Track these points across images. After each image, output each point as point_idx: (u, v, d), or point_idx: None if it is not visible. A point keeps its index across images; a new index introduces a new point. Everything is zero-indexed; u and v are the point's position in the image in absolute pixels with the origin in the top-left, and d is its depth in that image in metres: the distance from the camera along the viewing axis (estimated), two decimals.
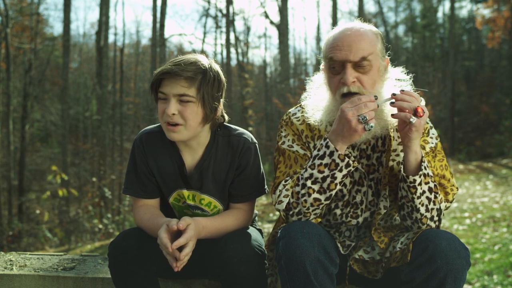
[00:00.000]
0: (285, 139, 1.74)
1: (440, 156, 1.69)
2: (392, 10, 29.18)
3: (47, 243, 10.50)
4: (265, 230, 7.60)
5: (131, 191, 1.80)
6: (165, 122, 1.66)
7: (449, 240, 1.42)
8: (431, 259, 1.40)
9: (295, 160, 1.68)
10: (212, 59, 1.73)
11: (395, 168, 1.64)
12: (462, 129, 21.44)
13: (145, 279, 1.65)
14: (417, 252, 1.44)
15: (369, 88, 1.56)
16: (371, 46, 1.55)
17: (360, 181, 1.69)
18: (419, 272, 1.42)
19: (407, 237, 1.57)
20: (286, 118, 1.78)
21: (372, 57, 1.55)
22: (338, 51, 1.55)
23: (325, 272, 1.44)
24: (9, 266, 2.12)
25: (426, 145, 1.66)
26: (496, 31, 20.78)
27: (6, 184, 15.94)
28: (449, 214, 7.58)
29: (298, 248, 1.42)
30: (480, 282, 3.98)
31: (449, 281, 1.38)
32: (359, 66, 1.54)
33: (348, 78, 1.54)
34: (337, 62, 1.56)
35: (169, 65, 1.63)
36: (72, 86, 24.52)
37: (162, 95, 1.65)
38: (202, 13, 22.85)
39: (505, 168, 12.98)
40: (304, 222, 1.53)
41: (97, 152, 16.52)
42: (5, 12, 15.58)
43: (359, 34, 1.56)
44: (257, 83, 24.88)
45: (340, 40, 1.56)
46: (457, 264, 1.39)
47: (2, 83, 16.35)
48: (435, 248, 1.40)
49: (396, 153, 1.65)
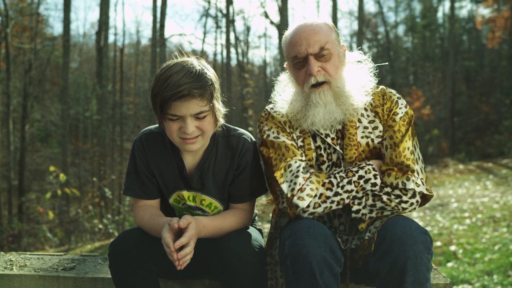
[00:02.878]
0: (269, 132, 1.77)
1: (408, 135, 1.69)
2: (392, 10, 29.19)
3: (47, 243, 10.50)
4: (265, 230, 7.61)
5: (132, 192, 1.80)
6: (181, 138, 1.64)
7: (405, 228, 1.44)
8: (389, 249, 1.43)
9: (286, 148, 1.71)
10: (197, 57, 1.68)
11: (370, 144, 1.72)
12: (462, 129, 21.44)
13: (145, 279, 1.65)
14: (378, 242, 1.49)
15: (334, 74, 1.69)
16: (326, 36, 1.68)
17: (337, 162, 1.74)
18: (382, 263, 1.45)
19: (375, 226, 1.61)
20: (265, 114, 1.83)
21: (329, 45, 1.68)
22: (299, 47, 1.68)
23: (331, 271, 1.45)
24: (9, 266, 2.12)
25: (396, 116, 1.72)
26: (496, 31, 20.78)
27: (6, 184, 15.93)
28: (449, 214, 7.59)
29: (305, 248, 1.43)
30: (480, 282, 3.98)
31: (409, 267, 1.40)
32: (320, 56, 1.67)
33: (313, 68, 1.66)
34: (300, 57, 1.69)
35: (175, 87, 1.53)
36: (72, 86, 24.52)
37: (174, 116, 1.59)
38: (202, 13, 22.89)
39: (505, 168, 12.98)
40: (310, 221, 1.54)
41: (97, 152, 16.51)
42: (5, 12, 15.58)
43: (312, 28, 1.69)
44: (257, 83, 24.88)
45: (298, 36, 1.69)
46: (414, 250, 1.40)
47: (2, 83, 16.35)
48: (391, 237, 1.44)
49: (369, 130, 1.73)
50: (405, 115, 1.72)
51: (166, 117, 1.61)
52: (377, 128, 1.73)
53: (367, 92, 1.73)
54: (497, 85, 21.27)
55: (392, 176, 1.63)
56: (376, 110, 1.74)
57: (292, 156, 1.69)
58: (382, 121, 1.73)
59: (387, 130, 1.71)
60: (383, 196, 1.62)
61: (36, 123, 22.59)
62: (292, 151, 1.70)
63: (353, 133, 1.71)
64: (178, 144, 1.68)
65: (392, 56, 24.70)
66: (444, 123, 20.72)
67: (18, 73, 19.22)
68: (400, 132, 1.68)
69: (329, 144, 1.74)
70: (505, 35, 20.77)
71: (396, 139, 1.67)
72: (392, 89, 1.82)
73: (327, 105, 1.67)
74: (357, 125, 1.73)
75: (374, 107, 1.75)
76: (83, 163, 20.78)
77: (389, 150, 1.68)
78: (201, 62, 1.66)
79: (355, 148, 1.70)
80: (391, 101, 1.74)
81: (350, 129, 1.72)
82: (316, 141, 1.75)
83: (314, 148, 1.75)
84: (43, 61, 20.73)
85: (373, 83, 1.76)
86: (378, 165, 1.68)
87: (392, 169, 1.64)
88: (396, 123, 1.70)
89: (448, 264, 4.69)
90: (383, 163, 1.68)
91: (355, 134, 1.71)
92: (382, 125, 1.73)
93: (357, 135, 1.72)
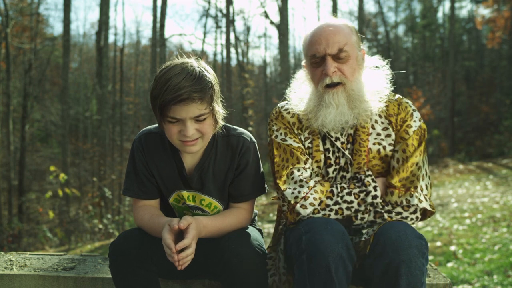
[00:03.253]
0: (277, 132, 1.77)
1: (419, 150, 1.69)
2: (392, 10, 29.19)
3: (47, 243, 10.49)
4: (265, 230, 7.60)
5: (131, 192, 1.80)
6: (181, 141, 1.64)
7: (400, 232, 1.45)
8: (383, 252, 1.43)
9: (291, 154, 1.71)
10: (196, 58, 1.67)
11: (382, 152, 1.71)
12: (462, 129, 21.44)
13: (145, 279, 1.64)
14: (373, 245, 1.50)
15: (350, 76, 1.68)
16: (346, 38, 1.68)
17: (345, 167, 1.73)
18: (376, 266, 1.46)
19: (373, 229, 1.61)
20: (276, 112, 1.83)
21: (348, 48, 1.67)
22: (318, 46, 1.68)
23: (344, 269, 1.46)
24: (9, 266, 2.12)
25: (410, 129, 1.71)
26: (496, 31, 20.78)
27: (6, 184, 15.93)
28: (449, 214, 7.58)
29: (323, 244, 1.44)
30: (480, 282, 3.98)
31: (403, 271, 1.40)
32: (338, 58, 1.67)
33: (329, 69, 1.66)
34: (318, 56, 1.69)
35: (175, 91, 1.51)
36: (72, 86, 24.53)
37: (174, 119, 1.59)
38: (202, 13, 22.89)
39: (505, 168, 12.97)
40: (326, 218, 1.56)
41: (97, 152, 16.52)
42: (5, 12, 15.58)
43: (333, 29, 1.69)
44: (257, 83, 24.88)
45: (318, 36, 1.69)
46: (408, 254, 1.40)
47: (2, 83, 16.35)
48: (386, 240, 1.44)
49: (381, 137, 1.72)
50: (418, 129, 1.71)
51: (165, 120, 1.60)
52: (390, 136, 1.72)
53: (381, 99, 1.72)
54: (497, 85, 21.28)
55: (395, 194, 1.63)
56: (390, 118, 1.73)
57: (296, 163, 1.69)
58: (395, 130, 1.72)
59: (400, 142, 1.71)
60: (384, 214, 1.63)
61: (36, 123, 22.59)
62: (297, 157, 1.70)
63: (365, 139, 1.71)
64: (178, 146, 1.68)
65: (392, 56, 24.70)
66: (444, 123, 20.72)
67: (18, 73, 19.22)
68: (413, 146, 1.68)
69: (338, 148, 1.73)
70: (505, 35, 20.77)
71: (408, 153, 1.67)
72: (404, 97, 1.81)
73: (339, 107, 1.66)
74: (369, 131, 1.72)
75: (388, 115, 1.74)
76: (83, 163, 20.79)
77: (399, 163, 1.68)
78: (201, 63, 1.65)
79: (364, 154, 1.70)
80: (406, 112, 1.73)
81: (362, 135, 1.71)
82: (325, 143, 1.75)
83: (322, 150, 1.74)
84: (43, 61, 20.74)
85: (388, 90, 1.75)
86: (382, 182, 1.68)
87: (395, 187, 1.64)
88: (409, 136, 1.70)
89: (448, 264, 4.69)
90: (386, 179, 1.68)
91: (366, 140, 1.71)
92: (395, 134, 1.72)
93: (369, 141, 1.71)
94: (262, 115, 22.49)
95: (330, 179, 1.74)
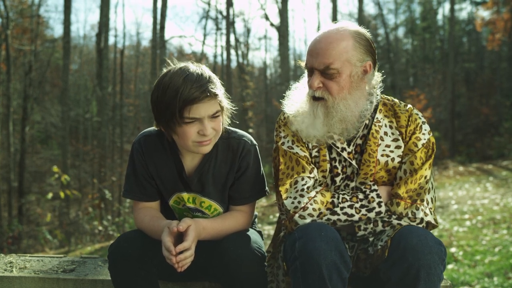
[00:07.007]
0: (284, 139, 1.75)
1: (428, 164, 1.67)
2: (392, 12, 29.18)
3: (47, 245, 10.49)
4: (265, 232, 7.60)
5: (131, 194, 1.80)
6: (197, 142, 1.63)
7: (421, 237, 1.43)
8: (403, 256, 1.42)
9: (297, 162, 1.68)
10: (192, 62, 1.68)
11: (389, 164, 1.69)
12: (462, 131, 21.43)
13: (145, 281, 1.64)
14: (392, 249, 1.47)
15: (335, 93, 1.63)
16: (338, 55, 1.60)
17: (351, 176, 1.72)
18: (394, 270, 1.44)
19: (387, 234, 1.59)
20: (284, 119, 1.79)
21: (338, 65, 1.60)
22: (309, 57, 1.66)
23: (339, 276, 1.45)
24: (9, 268, 2.12)
25: (419, 142, 1.69)
26: (496, 33, 20.78)
27: (6, 186, 15.92)
28: (449, 216, 7.58)
29: (316, 251, 1.43)
30: (481, 284, 3.97)
31: (422, 277, 1.39)
32: (325, 73, 1.62)
33: (313, 83, 1.64)
34: (309, 67, 1.68)
35: (196, 89, 1.54)
36: (72, 88, 24.52)
37: (192, 119, 1.59)
38: (202, 15, 22.85)
39: (505, 170, 12.97)
40: (321, 224, 1.54)
41: (97, 154, 16.52)
42: (6, 13, 15.60)
43: (328, 42, 1.62)
44: (257, 85, 24.89)
45: (313, 46, 1.66)
46: (428, 260, 1.39)
47: (2, 84, 16.36)
48: (406, 245, 1.42)
49: (390, 149, 1.70)
50: (427, 142, 1.69)
51: (182, 122, 1.58)
52: (400, 148, 1.70)
53: (362, 123, 1.68)
54: (497, 87, 21.28)
55: (401, 206, 1.61)
56: (400, 129, 1.71)
57: (301, 171, 1.67)
58: (404, 142, 1.70)
59: (408, 154, 1.68)
60: (393, 221, 1.61)
61: (36, 125, 22.59)
62: (302, 166, 1.67)
63: (375, 149, 1.68)
64: (191, 148, 1.66)
65: (392, 58, 24.72)
66: (444, 125, 20.70)
67: (18, 75, 19.22)
68: (421, 160, 1.66)
69: (345, 158, 1.71)
70: (505, 37, 20.77)
71: (416, 165, 1.65)
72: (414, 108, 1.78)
73: (315, 119, 1.65)
74: (379, 143, 1.70)
75: (399, 127, 1.71)
76: (83, 165, 20.79)
77: (407, 175, 1.66)
78: (198, 64, 1.67)
79: (373, 165, 1.68)
80: (416, 124, 1.71)
81: (373, 146, 1.68)
82: (331, 152, 1.73)
83: (329, 159, 1.72)
84: (44, 63, 20.74)
85: (371, 110, 1.70)
86: (386, 191, 1.67)
87: (402, 198, 1.62)
88: (418, 149, 1.67)
89: (449, 266, 4.69)
90: (392, 189, 1.67)
91: (376, 151, 1.69)
92: (404, 146, 1.70)
93: (378, 152, 1.69)
94: (262, 117, 22.49)
95: (336, 188, 1.72)
